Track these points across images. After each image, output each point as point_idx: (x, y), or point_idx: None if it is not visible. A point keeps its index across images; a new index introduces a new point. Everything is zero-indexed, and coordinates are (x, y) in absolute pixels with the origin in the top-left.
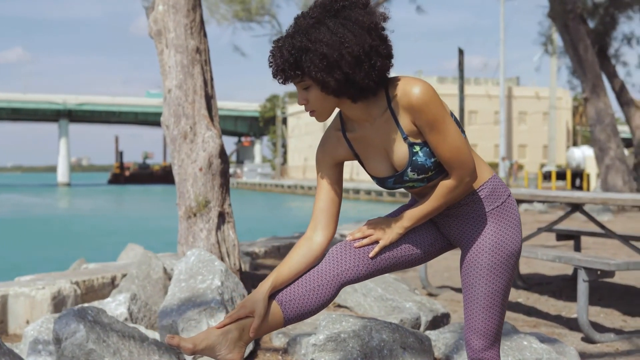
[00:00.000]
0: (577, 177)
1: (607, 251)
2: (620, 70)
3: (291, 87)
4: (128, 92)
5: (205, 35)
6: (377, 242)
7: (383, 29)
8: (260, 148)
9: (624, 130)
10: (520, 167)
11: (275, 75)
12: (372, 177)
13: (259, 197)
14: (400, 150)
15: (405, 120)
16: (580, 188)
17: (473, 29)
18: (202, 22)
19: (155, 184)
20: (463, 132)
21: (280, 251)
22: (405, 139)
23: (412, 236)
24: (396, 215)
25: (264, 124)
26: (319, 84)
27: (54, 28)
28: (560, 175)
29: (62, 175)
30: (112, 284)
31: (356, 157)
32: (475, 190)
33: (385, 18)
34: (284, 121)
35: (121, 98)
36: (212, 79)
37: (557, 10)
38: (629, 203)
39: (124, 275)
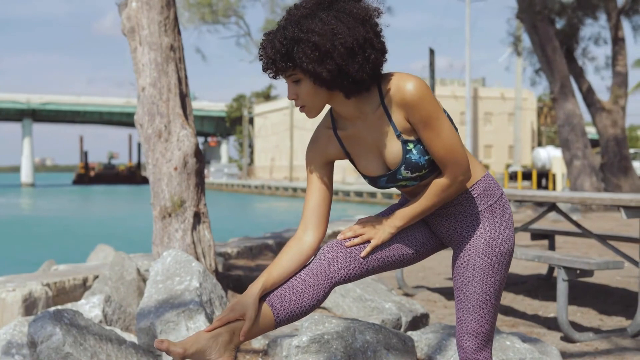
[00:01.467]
0: (543, 177)
1: (578, 250)
2: (589, 69)
3: (257, 87)
4: (92, 92)
5: (179, 32)
6: (368, 241)
7: (377, 24)
8: (227, 148)
9: (590, 131)
10: (486, 167)
11: (265, 69)
12: (364, 176)
13: (226, 198)
14: (394, 148)
15: (398, 117)
16: (545, 188)
17: (439, 30)
18: (176, 19)
19: (120, 184)
20: (456, 129)
21: (253, 252)
22: (398, 136)
23: (403, 236)
24: (387, 214)
25: (230, 124)
26: (311, 75)
27: (17, 26)
28: (526, 176)
29: (25, 175)
30: (84, 285)
31: (347, 156)
32: (468, 189)
33: (379, 13)
34: (251, 121)
35: (85, 97)
36: (186, 77)
37: (525, 11)
38: (607, 202)
39: (96, 277)
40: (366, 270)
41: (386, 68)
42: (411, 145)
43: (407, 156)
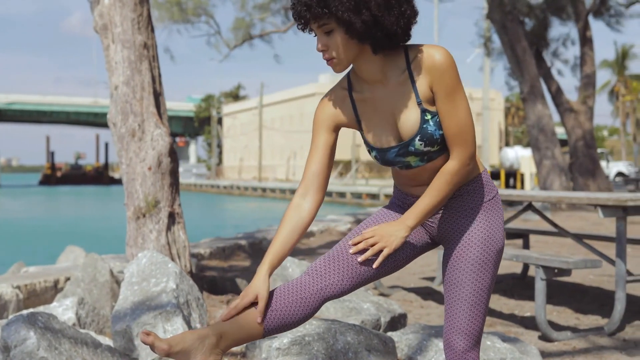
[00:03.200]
0: (511, 177)
1: (550, 249)
2: (559, 69)
3: (226, 87)
4: (60, 91)
5: (152, 30)
6: (380, 251)
7: None
8: (196, 148)
9: (559, 131)
10: None
11: (298, 17)
12: (372, 148)
13: (195, 198)
14: (411, 117)
15: (422, 85)
16: (514, 188)
17: None
18: (149, 16)
19: (87, 185)
20: None
21: (225, 252)
22: (419, 103)
23: None
24: (382, 217)
25: (199, 124)
26: (345, 25)
27: None
28: (494, 175)
29: None
30: (55, 287)
31: (357, 124)
32: (469, 181)
33: None
34: (219, 121)
35: (52, 97)
36: (160, 76)
37: (495, 12)
38: (584, 202)
39: (67, 279)
40: (358, 283)
41: None
42: (429, 116)
43: (424, 126)
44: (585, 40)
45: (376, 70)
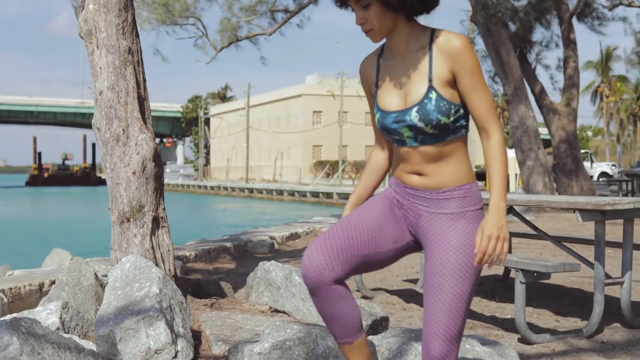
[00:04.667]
0: None
1: (533, 250)
2: (543, 73)
3: (213, 87)
4: (47, 92)
5: (137, 35)
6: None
7: None
8: (183, 149)
9: (542, 131)
10: None
11: None
12: (378, 110)
13: (182, 199)
14: (418, 89)
15: (440, 66)
16: None
17: None
18: (134, 21)
19: (74, 186)
20: None
21: (211, 255)
22: (429, 80)
23: (378, 234)
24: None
25: (186, 125)
26: None
27: None
28: (479, 176)
29: None
30: (40, 291)
31: (375, 86)
32: (459, 186)
33: None
34: (207, 122)
35: (39, 98)
36: (144, 81)
37: (479, 15)
38: (563, 205)
39: (52, 282)
40: (352, 268)
41: (342, 68)
42: (433, 95)
43: (425, 101)
44: (569, 43)
45: (403, 41)
